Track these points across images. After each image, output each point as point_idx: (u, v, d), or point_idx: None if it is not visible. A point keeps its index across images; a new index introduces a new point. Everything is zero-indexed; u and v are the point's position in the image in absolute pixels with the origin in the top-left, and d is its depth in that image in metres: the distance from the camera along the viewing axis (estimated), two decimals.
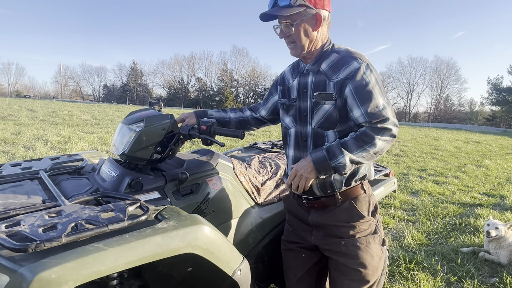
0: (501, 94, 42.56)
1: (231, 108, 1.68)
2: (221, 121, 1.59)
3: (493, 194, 4.94)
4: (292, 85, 1.45)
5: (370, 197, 1.41)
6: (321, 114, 1.32)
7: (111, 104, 30.84)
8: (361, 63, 1.26)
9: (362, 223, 1.34)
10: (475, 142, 12.79)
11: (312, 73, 1.35)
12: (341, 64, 1.28)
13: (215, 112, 1.61)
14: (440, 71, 54.78)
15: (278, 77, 1.59)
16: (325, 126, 1.32)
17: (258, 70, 58.72)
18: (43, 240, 0.82)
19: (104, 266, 0.86)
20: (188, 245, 1.03)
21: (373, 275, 1.31)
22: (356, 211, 1.35)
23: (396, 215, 3.78)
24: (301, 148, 1.40)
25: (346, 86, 1.26)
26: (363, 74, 1.25)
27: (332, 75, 1.29)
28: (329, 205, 1.37)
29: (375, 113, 1.22)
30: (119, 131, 1.41)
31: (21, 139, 6.41)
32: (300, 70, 1.43)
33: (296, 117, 1.41)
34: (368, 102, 1.23)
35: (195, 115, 1.54)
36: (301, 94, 1.39)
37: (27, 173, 1.41)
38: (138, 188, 1.28)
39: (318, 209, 1.39)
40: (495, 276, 2.52)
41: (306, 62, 1.40)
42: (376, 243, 1.36)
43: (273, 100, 1.60)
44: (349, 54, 1.31)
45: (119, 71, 64.51)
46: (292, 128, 1.43)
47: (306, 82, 1.37)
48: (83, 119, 11.22)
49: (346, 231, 1.33)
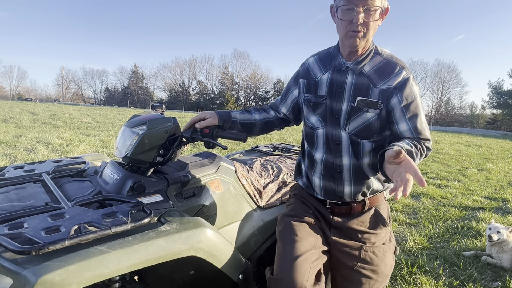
0: (502, 97, 42.57)
1: (254, 108, 1.52)
2: (246, 125, 1.44)
3: (495, 198, 4.92)
4: (320, 79, 1.31)
5: (387, 204, 1.40)
6: (360, 121, 1.23)
7: (112, 107, 30.92)
8: (409, 74, 1.20)
9: (383, 230, 1.32)
10: (477, 146, 12.76)
11: (353, 73, 1.23)
12: (389, 71, 1.20)
13: (239, 114, 1.45)
14: (441, 75, 54.94)
15: (299, 69, 1.43)
16: (362, 135, 1.24)
17: (259, 74, 58.94)
18: (46, 243, 0.83)
19: (108, 268, 0.86)
20: (191, 248, 1.03)
21: (383, 282, 1.29)
22: (381, 217, 1.33)
23: (398, 218, 3.77)
24: (333, 152, 1.29)
25: (394, 96, 1.18)
26: (411, 86, 1.19)
27: (378, 80, 1.20)
28: (356, 210, 1.32)
29: (421, 129, 1.20)
30: (122, 133, 1.41)
31: (23, 142, 6.43)
32: (335, 65, 1.28)
33: (325, 117, 1.29)
34: (416, 117, 1.19)
35: (218, 116, 1.38)
36: (334, 93, 1.27)
37: (30, 176, 1.42)
38: (140, 191, 1.28)
39: (343, 214, 1.33)
40: (498, 280, 2.50)
41: (348, 59, 1.26)
42: (391, 251, 1.34)
43: (292, 96, 1.44)
44: (395, 61, 1.23)
45: (121, 74, 64.87)
46: (321, 129, 1.31)
47: (343, 81, 1.25)
48: (84, 122, 11.25)
49: (369, 237, 1.29)
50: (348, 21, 1.16)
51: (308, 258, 1.18)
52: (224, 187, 1.51)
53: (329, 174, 1.32)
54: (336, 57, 1.29)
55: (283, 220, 1.36)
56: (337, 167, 1.30)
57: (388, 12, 1.21)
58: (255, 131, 1.48)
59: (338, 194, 1.31)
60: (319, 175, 1.35)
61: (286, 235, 1.27)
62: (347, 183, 1.29)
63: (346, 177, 1.29)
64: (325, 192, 1.34)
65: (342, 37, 1.23)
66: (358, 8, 1.12)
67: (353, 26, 1.15)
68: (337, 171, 1.30)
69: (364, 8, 1.13)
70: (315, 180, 1.37)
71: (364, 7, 1.12)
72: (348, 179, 1.29)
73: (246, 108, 2.92)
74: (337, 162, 1.29)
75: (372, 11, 1.14)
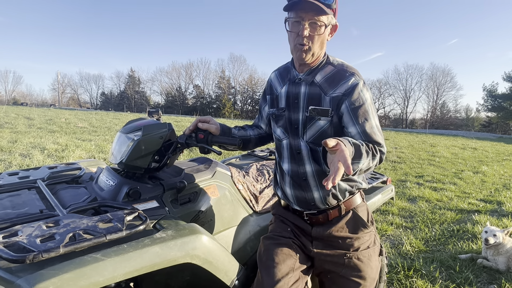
0: (497, 100, 42.97)
1: (246, 125, 1.59)
2: (243, 140, 1.50)
3: (490, 200, 4.95)
4: (280, 93, 1.38)
5: (367, 206, 1.42)
6: (314, 129, 1.27)
7: (108, 111, 30.83)
8: (358, 80, 1.24)
9: (365, 234, 1.33)
10: (472, 149, 12.85)
11: (306, 84, 1.29)
12: (338, 79, 1.24)
13: (237, 130, 1.52)
14: (436, 78, 55.40)
15: (266, 85, 1.51)
16: (318, 143, 1.27)
17: (255, 77, 59.07)
18: (40, 251, 0.82)
19: (102, 276, 0.86)
20: (186, 255, 1.03)
21: (370, 286, 1.31)
22: (360, 220, 1.34)
23: (394, 222, 3.78)
24: (296, 161, 1.33)
25: (343, 102, 1.22)
26: (360, 91, 1.22)
27: (328, 89, 1.24)
28: (333, 217, 1.34)
29: (370, 133, 1.21)
30: (117, 140, 1.41)
31: (18, 147, 6.39)
32: (290, 78, 1.35)
33: (286, 128, 1.35)
34: (365, 122, 1.21)
35: (220, 126, 1.40)
36: (291, 104, 1.32)
37: (24, 183, 1.41)
38: (136, 197, 1.28)
39: (322, 223, 1.35)
40: (494, 282, 2.52)
41: (300, 71, 1.31)
42: (376, 254, 1.35)
43: (265, 112, 1.52)
44: (345, 69, 1.27)
45: (117, 79, 64.74)
46: (285, 139, 1.37)
47: (297, 93, 1.31)
48: (80, 126, 11.20)
49: (351, 242, 1.30)
50: (295, 33, 1.21)
51: (285, 283, 1.20)
52: (220, 193, 1.52)
53: (296, 183, 1.35)
54: (291, 70, 1.36)
55: (263, 243, 1.38)
56: (302, 175, 1.33)
57: (337, 29, 1.28)
58: (250, 146, 1.56)
59: (309, 201, 1.33)
60: (289, 185, 1.38)
61: (264, 260, 1.29)
62: (314, 189, 1.32)
63: (312, 183, 1.32)
64: (298, 201, 1.37)
65: (292, 50, 1.28)
66: (304, 21, 1.18)
67: (299, 39, 1.21)
68: (303, 179, 1.33)
69: (310, 22, 1.18)
70: (287, 190, 1.40)
71: (309, 21, 1.18)
72: (315, 185, 1.32)
73: (243, 112, 2.90)
74: (301, 170, 1.33)
75: (318, 26, 1.19)
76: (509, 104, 41.08)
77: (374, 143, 1.21)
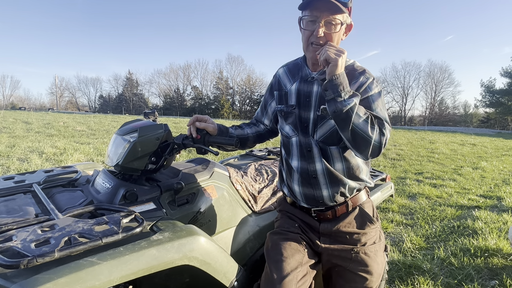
0: (495, 96, 43.05)
1: (244, 124, 1.59)
2: (241, 139, 1.49)
3: (490, 196, 4.95)
4: (290, 90, 1.37)
5: (372, 202, 1.43)
6: (325, 129, 1.27)
7: (107, 114, 30.79)
8: (369, 78, 1.24)
9: (371, 229, 1.35)
10: (471, 144, 12.86)
11: (319, 83, 1.27)
12: (350, 78, 1.22)
13: (234, 130, 1.50)
14: (434, 75, 55.53)
15: (272, 81, 1.50)
16: (328, 142, 1.28)
17: (253, 78, 59.14)
18: (35, 256, 0.81)
19: (98, 280, 0.85)
20: (184, 257, 1.02)
21: (376, 281, 1.32)
22: (366, 215, 1.36)
23: (395, 219, 3.77)
24: (306, 158, 1.32)
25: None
26: (370, 88, 1.22)
27: None
28: (341, 213, 1.35)
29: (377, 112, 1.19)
30: (113, 142, 1.40)
31: (16, 152, 6.37)
32: (302, 76, 1.34)
33: (296, 125, 1.34)
34: (371, 110, 1.19)
35: (217, 126, 1.39)
36: (302, 102, 1.32)
37: (20, 187, 1.39)
38: (133, 199, 1.26)
39: (329, 219, 1.36)
40: (495, 278, 2.51)
41: (313, 69, 1.31)
42: (382, 250, 1.37)
43: (272, 108, 1.50)
44: (356, 68, 1.27)
45: (115, 82, 64.72)
46: (294, 137, 1.35)
47: (309, 91, 1.30)
48: (78, 130, 11.18)
49: (358, 238, 1.32)
50: (310, 31, 1.21)
51: (294, 278, 1.20)
52: (218, 193, 1.50)
53: (306, 180, 1.35)
54: (303, 68, 1.35)
55: (270, 238, 1.38)
56: (312, 173, 1.33)
57: (351, 29, 1.27)
58: (248, 144, 1.55)
59: (318, 199, 1.34)
60: (298, 182, 1.37)
61: (272, 255, 1.29)
62: (324, 187, 1.32)
63: (322, 181, 1.32)
64: (306, 198, 1.36)
65: (305, 49, 1.28)
66: (320, 20, 1.17)
67: (313, 38, 1.20)
68: (313, 177, 1.33)
69: (325, 20, 1.17)
70: (295, 188, 1.39)
71: (325, 19, 1.17)
72: (324, 183, 1.32)
73: (242, 112, 2.88)
74: (311, 168, 1.32)
75: (333, 24, 1.18)
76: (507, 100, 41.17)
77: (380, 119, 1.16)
